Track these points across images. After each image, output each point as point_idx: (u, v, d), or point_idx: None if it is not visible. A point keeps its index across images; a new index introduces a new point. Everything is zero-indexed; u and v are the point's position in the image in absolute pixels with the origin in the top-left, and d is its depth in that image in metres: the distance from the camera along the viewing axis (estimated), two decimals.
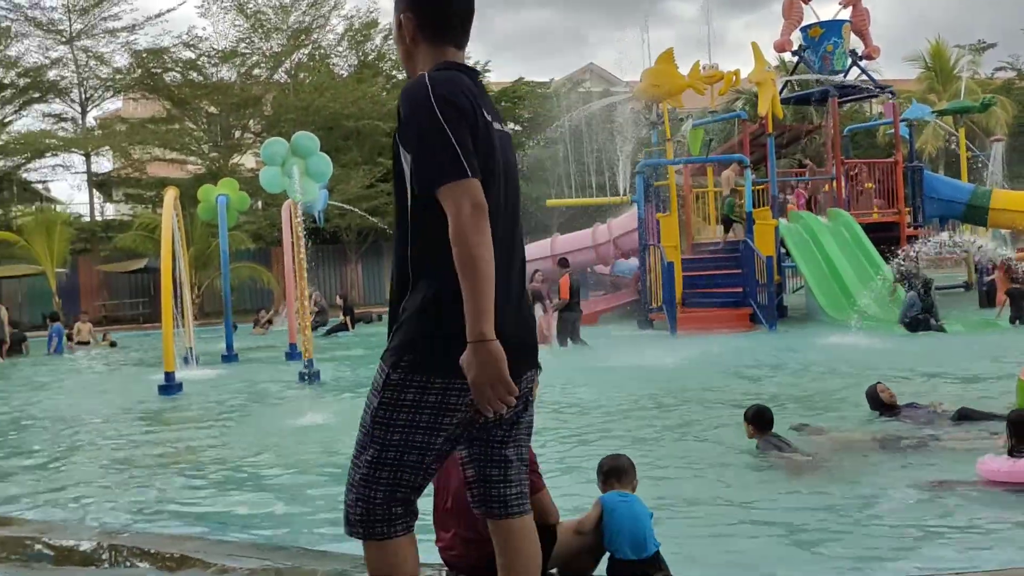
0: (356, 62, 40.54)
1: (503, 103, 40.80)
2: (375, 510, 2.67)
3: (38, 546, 4.81)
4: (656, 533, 3.90)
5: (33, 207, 39.29)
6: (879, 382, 8.07)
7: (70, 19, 36.83)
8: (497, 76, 43.84)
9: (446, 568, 3.97)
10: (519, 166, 3.12)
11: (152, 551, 4.45)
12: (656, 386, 10.64)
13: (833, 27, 22.48)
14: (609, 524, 3.83)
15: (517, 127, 41.22)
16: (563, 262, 17.57)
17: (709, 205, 22.09)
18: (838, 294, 17.69)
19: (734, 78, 20.87)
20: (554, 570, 3.90)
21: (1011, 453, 5.44)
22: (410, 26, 2.70)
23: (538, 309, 16.79)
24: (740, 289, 18.65)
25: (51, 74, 37.84)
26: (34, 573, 4.28)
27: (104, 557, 4.63)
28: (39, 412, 11.45)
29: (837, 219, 19.69)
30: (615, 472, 4.03)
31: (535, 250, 27.96)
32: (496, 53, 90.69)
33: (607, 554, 3.91)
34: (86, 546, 4.80)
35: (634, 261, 22.43)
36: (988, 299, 19.78)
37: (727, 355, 13.76)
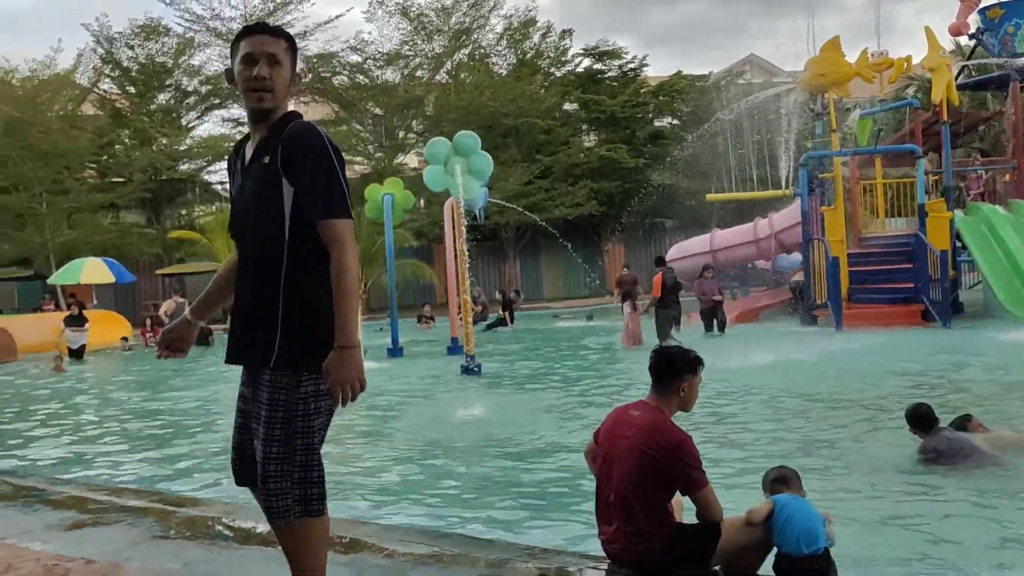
0: (515, 61, 40.98)
1: (660, 97, 40.42)
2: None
3: (219, 527, 5.16)
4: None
5: (213, 207, 41.67)
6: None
7: None
8: (655, 70, 43.39)
9: (608, 561, 4.04)
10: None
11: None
12: (817, 384, 10.37)
13: (1015, 8, 21.17)
14: (779, 518, 3.81)
15: (675, 121, 40.74)
16: (659, 260, 17.78)
17: (877, 198, 21.26)
18: (1019, 289, 16.68)
19: (905, 65, 20.00)
20: (718, 567, 3.91)
21: None
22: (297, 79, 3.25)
23: (626, 307, 16.83)
24: (911, 284, 17.86)
25: None
26: (219, 551, 4.60)
27: (271, 536, 4.90)
28: (223, 398, 12.16)
29: (1020, 211, 18.57)
30: (782, 480, 4.00)
31: (693, 245, 27.68)
32: (653, 47, 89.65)
33: (773, 552, 3.89)
34: (263, 528, 5.11)
35: (797, 256, 21.83)
36: None
37: (897, 352, 13.24)
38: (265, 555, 4.49)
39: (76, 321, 18.36)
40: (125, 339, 21.55)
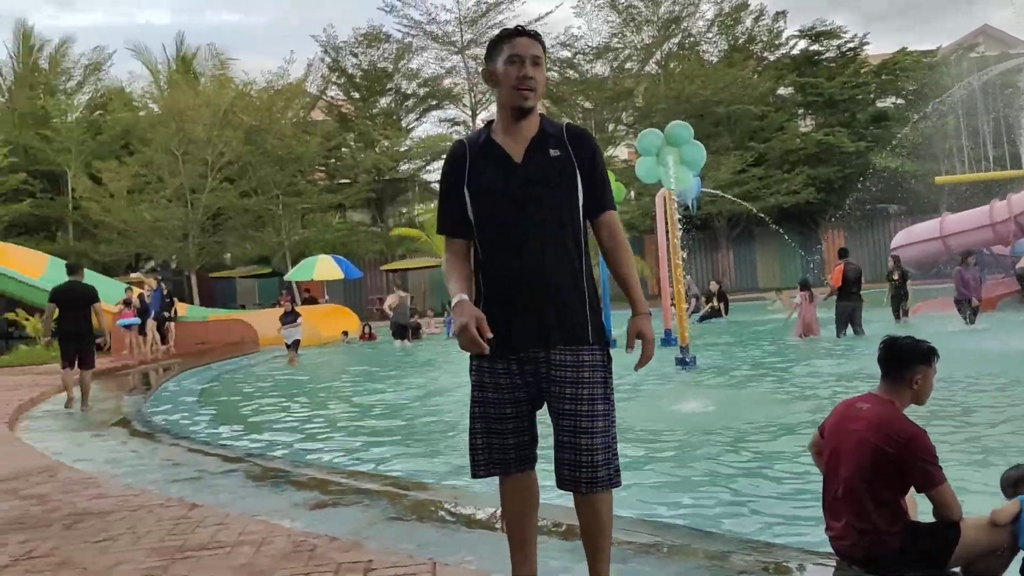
0: (726, 47, 40.15)
1: (883, 76, 38.40)
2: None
3: (443, 511, 5.41)
4: None
5: (432, 205, 43.30)
6: None
7: (461, 31, 40.20)
8: (876, 48, 41.28)
9: (837, 557, 3.93)
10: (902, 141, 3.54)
11: (550, 519, 4.81)
12: None
13: None
14: None
15: (899, 101, 38.59)
16: (842, 252, 17.15)
17: None
18: None
19: None
20: (957, 568, 3.72)
21: None
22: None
23: (800, 298, 16.21)
24: None
25: (446, 82, 41.54)
26: (449, 532, 4.83)
27: (495, 520, 5.07)
28: (444, 389, 12.65)
29: None
30: None
31: (920, 231, 26.15)
32: (874, 24, 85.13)
33: (1020, 557, 3.65)
34: (486, 513, 5.31)
35: None
36: None
37: None
38: (488, 537, 4.68)
39: (289, 318, 19.48)
40: (345, 333, 22.74)
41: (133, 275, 30.20)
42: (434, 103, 41.92)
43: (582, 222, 3.31)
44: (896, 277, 18.20)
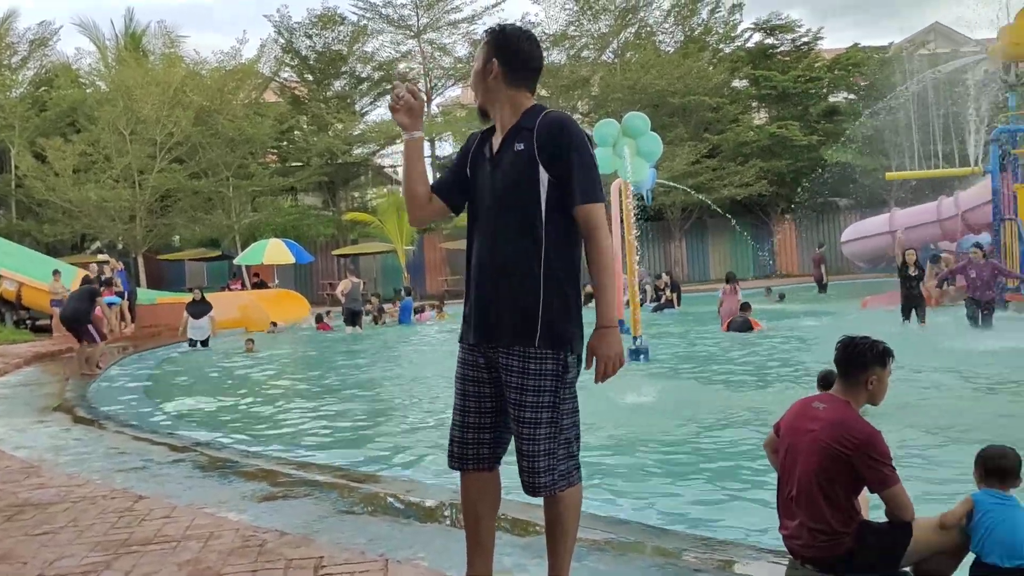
0: (682, 38, 40.30)
1: (835, 71, 38.83)
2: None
3: (399, 504, 5.33)
4: None
5: (386, 190, 43.03)
6: None
7: (418, 14, 39.88)
8: (830, 43, 41.70)
9: (790, 556, 3.94)
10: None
11: (506, 515, 4.76)
12: (1014, 376, 9.77)
13: None
14: (979, 524, 3.58)
15: (851, 96, 39.08)
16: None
17: None
18: None
19: None
20: (908, 568, 3.75)
21: None
22: (496, 71, 3.27)
23: (723, 291, 16.85)
24: None
25: (401, 66, 41.18)
26: (401, 527, 4.76)
27: (449, 514, 5.03)
28: (395, 376, 12.56)
29: None
30: (997, 471, 3.68)
31: (870, 226, 26.55)
32: (828, 19, 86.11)
33: (969, 557, 3.68)
34: (440, 505, 5.25)
35: (985, 236, 20.60)
36: None
37: None
38: (443, 532, 4.63)
39: (198, 308, 18.95)
40: (274, 324, 22.27)
41: (100, 256, 29.45)
42: (389, 87, 41.51)
43: (556, 219, 3.15)
44: (914, 272, 15.50)
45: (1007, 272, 15.16)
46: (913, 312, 15.21)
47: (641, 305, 17.17)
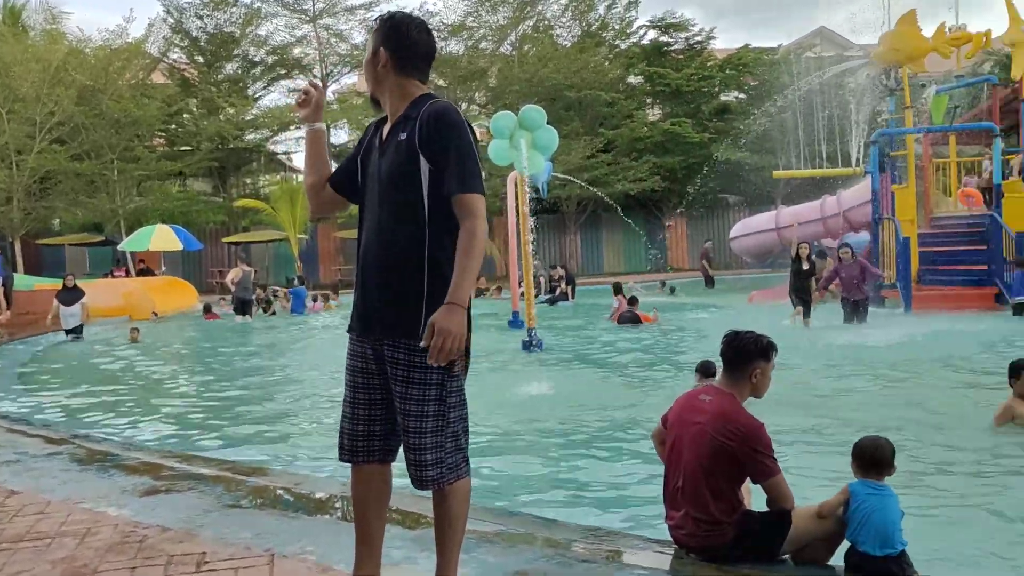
0: (579, 32, 40.63)
1: (727, 71, 39.77)
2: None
3: (288, 497, 5.23)
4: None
5: (278, 177, 42.17)
6: None
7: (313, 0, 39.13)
8: (722, 43, 42.67)
9: (675, 546, 4.02)
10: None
11: (395, 507, 4.73)
12: (883, 369, 10.19)
13: None
14: (855, 514, 3.71)
15: (742, 96, 40.08)
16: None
17: (951, 177, 20.74)
18: None
19: (984, 39, 19.39)
20: (786, 555, 3.86)
21: None
22: (385, 59, 3.30)
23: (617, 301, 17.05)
24: (984, 267, 17.41)
25: (296, 52, 40.36)
26: (289, 521, 4.67)
27: (339, 507, 4.97)
28: (286, 367, 12.35)
29: None
30: (873, 463, 3.81)
31: (758, 222, 27.29)
32: (720, 19, 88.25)
33: (844, 544, 3.81)
34: (330, 498, 5.18)
35: (865, 235, 21.42)
36: None
37: (965, 336, 12.95)
38: (331, 526, 4.57)
39: (69, 296, 18.13)
40: (155, 314, 21.67)
41: None
42: (283, 72, 40.66)
43: (438, 209, 3.10)
44: (806, 267, 15.55)
45: (873, 270, 15.76)
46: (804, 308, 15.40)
47: (536, 297, 17.32)
